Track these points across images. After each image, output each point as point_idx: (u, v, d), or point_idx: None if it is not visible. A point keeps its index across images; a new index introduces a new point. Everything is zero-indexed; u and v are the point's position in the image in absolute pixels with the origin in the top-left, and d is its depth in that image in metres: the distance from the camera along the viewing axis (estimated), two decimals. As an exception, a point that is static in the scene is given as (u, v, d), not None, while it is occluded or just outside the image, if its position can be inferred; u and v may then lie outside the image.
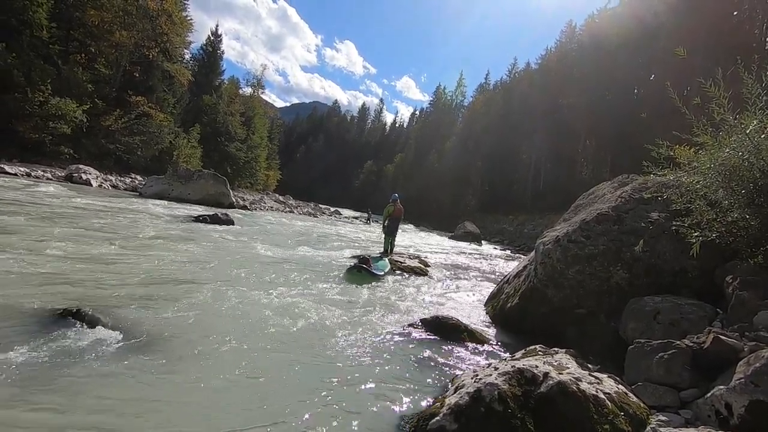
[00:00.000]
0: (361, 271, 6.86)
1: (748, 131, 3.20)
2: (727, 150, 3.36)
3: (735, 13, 29.48)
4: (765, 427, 1.94)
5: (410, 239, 19.67)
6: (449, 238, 26.50)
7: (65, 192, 12.93)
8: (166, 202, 16.39)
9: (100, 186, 18.91)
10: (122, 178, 23.12)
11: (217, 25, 45.24)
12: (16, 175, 15.98)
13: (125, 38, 26.61)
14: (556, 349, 3.21)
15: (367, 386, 2.86)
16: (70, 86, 22.52)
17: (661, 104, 18.79)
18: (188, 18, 34.01)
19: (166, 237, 7.86)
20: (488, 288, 7.48)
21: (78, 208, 9.75)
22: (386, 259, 8.40)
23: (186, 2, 34.74)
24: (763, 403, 1.98)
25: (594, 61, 37.81)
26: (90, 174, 19.13)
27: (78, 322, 3.13)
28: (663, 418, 2.26)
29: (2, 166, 16.14)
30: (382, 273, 7.27)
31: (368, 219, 25.61)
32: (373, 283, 6.52)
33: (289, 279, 5.97)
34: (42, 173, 17.67)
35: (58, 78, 21.98)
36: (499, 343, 4.40)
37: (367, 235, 18.24)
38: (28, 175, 16.75)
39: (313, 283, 5.92)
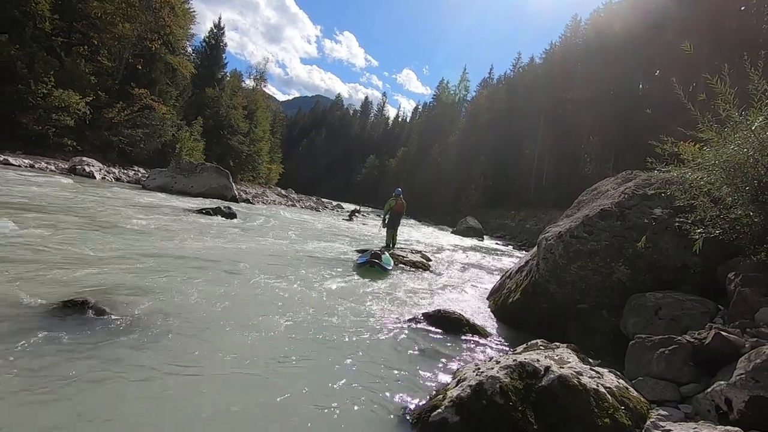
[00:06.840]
0: (375, 266, 6.96)
1: (753, 128, 3.18)
2: (732, 147, 3.34)
3: (743, 8, 29.10)
4: (765, 422, 1.96)
5: (412, 234, 19.68)
6: (451, 233, 26.51)
7: (68, 184, 12.97)
8: (169, 195, 16.45)
9: (103, 178, 18.95)
10: (125, 171, 23.14)
11: (219, 18, 45.13)
12: (20, 166, 16.03)
13: (128, 30, 26.50)
14: (557, 343, 3.24)
15: (370, 379, 2.89)
16: (73, 78, 22.46)
17: (666, 100, 18.64)
18: (190, 10, 33.82)
19: (169, 229, 7.90)
20: (490, 283, 7.50)
21: (81, 200, 9.79)
22: (387, 254, 8.42)
23: (188, -6, 34.49)
24: (763, 398, 1.99)
25: (599, 56, 37.45)
26: (93, 166, 19.16)
27: (83, 313, 3.16)
28: (663, 413, 2.28)
29: (6, 157, 16.20)
30: (390, 267, 7.34)
31: (350, 215, 25.96)
32: (376, 278, 6.55)
33: (293, 272, 6.00)
34: (45, 165, 17.71)
35: (61, 70, 21.92)
36: (501, 338, 4.43)
37: (358, 228, 18.23)
38: (32, 166, 16.81)
39: (315, 277, 5.96)
